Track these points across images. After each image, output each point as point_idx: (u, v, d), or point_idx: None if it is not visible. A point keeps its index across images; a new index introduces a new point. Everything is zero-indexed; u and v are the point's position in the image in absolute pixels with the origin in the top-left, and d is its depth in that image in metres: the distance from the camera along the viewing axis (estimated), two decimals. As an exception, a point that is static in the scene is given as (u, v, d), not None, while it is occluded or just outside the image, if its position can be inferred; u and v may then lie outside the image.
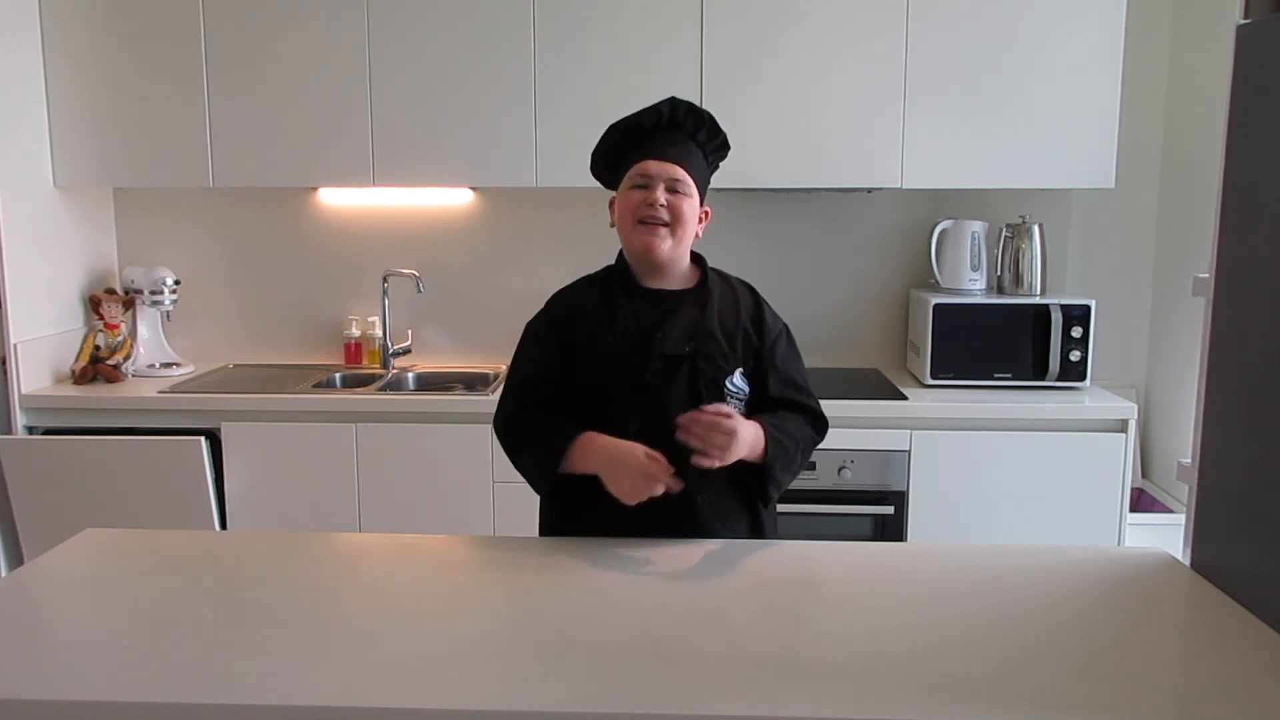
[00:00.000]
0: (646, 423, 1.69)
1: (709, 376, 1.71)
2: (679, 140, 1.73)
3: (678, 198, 1.70)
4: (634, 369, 1.71)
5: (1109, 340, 3.33)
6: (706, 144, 1.76)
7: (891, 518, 2.83)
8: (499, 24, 2.98)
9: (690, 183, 1.71)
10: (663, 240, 1.70)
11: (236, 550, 1.66)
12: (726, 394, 1.73)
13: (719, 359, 1.72)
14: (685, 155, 1.72)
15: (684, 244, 1.73)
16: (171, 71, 3.06)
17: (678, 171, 1.70)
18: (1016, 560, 1.60)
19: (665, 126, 1.73)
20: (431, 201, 3.39)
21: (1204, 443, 1.56)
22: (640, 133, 1.74)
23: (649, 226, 1.69)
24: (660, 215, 1.68)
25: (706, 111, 1.75)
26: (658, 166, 1.70)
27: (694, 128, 1.74)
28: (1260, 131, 1.43)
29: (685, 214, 1.70)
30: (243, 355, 3.50)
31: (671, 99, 1.74)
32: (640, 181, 1.70)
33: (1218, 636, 1.33)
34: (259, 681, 1.18)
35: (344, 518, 2.93)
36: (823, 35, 2.94)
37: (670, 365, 1.71)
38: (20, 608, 1.42)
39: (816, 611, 1.39)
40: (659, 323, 1.73)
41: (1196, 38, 3.13)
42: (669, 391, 1.70)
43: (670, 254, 1.72)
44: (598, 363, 1.73)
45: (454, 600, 1.44)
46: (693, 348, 1.71)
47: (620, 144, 1.76)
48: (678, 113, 1.73)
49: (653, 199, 1.68)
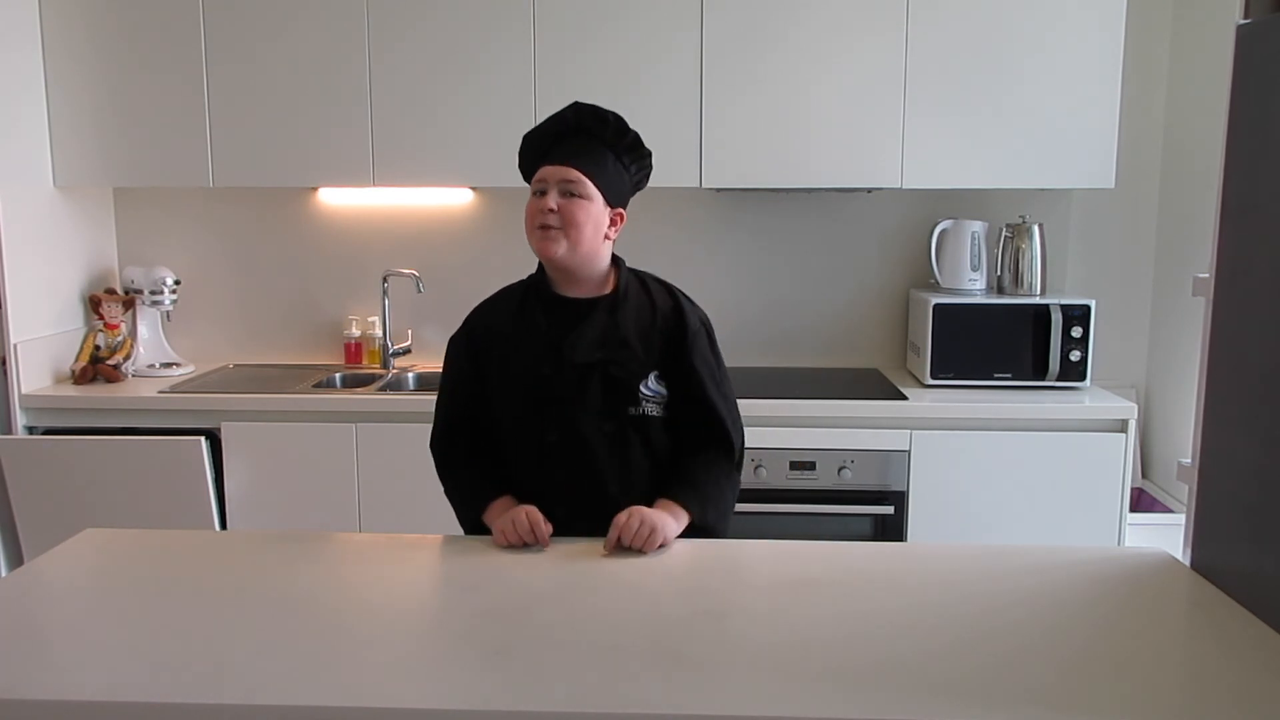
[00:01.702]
0: (563, 433, 1.73)
1: (621, 383, 1.73)
2: (583, 143, 1.74)
3: (570, 201, 1.70)
4: (545, 380, 1.73)
5: (1109, 340, 3.33)
6: (616, 144, 1.76)
7: (891, 518, 2.83)
8: (499, 24, 2.98)
9: (586, 184, 1.71)
10: (556, 244, 1.70)
11: (236, 550, 1.66)
12: (641, 398, 1.74)
13: (631, 365, 1.73)
14: (586, 159, 1.72)
15: (581, 247, 1.72)
16: (171, 71, 3.06)
17: (570, 174, 1.71)
18: (1016, 560, 1.60)
19: (571, 131, 1.75)
20: (431, 201, 3.39)
21: (1204, 443, 1.56)
22: (544, 139, 1.76)
23: (543, 230, 1.71)
24: (548, 220, 1.70)
25: (611, 112, 1.76)
26: (550, 170, 1.72)
27: (599, 130, 1.74)
28: (1260, 131, 1.43)
29: (577, 217, 1.70)
30: (243, 355, 3.50)
31: (575, 103, 1.76)
32: (538, 187, 1.73)
33: (1218, 636, 1.33)
34: (259, 681, 1.18)
35: (344, 518, 2.93)
36: (822, 35, 2.94)
37: (582, 374, 1.72)
38: (20, 608, 1.42)
39: (816, 611, 1.39)
40: (567, 332, 1.74)
41: (1196, 38, 3.13)
42: (584, 400, 1.72)
43: (567, 257, 1.72)
44: (511, 376, 1.76)
45: (453, 600, 1.44)
46: (604, 355, 1.72)
47: (529, 150, 1.79)
48: (581, 116, 1.75)
49: (544, 204, 1.70)
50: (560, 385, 1.72)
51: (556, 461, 1.74)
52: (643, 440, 1.75)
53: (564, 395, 1.72)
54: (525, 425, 1.75)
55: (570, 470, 1.74)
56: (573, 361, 1.72)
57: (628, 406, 1.73)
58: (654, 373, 1.75)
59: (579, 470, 1.73)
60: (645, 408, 1.74)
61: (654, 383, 1.75)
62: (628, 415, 1.74)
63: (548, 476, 1.74)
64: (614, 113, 1.75)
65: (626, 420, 1.74)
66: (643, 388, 1.74)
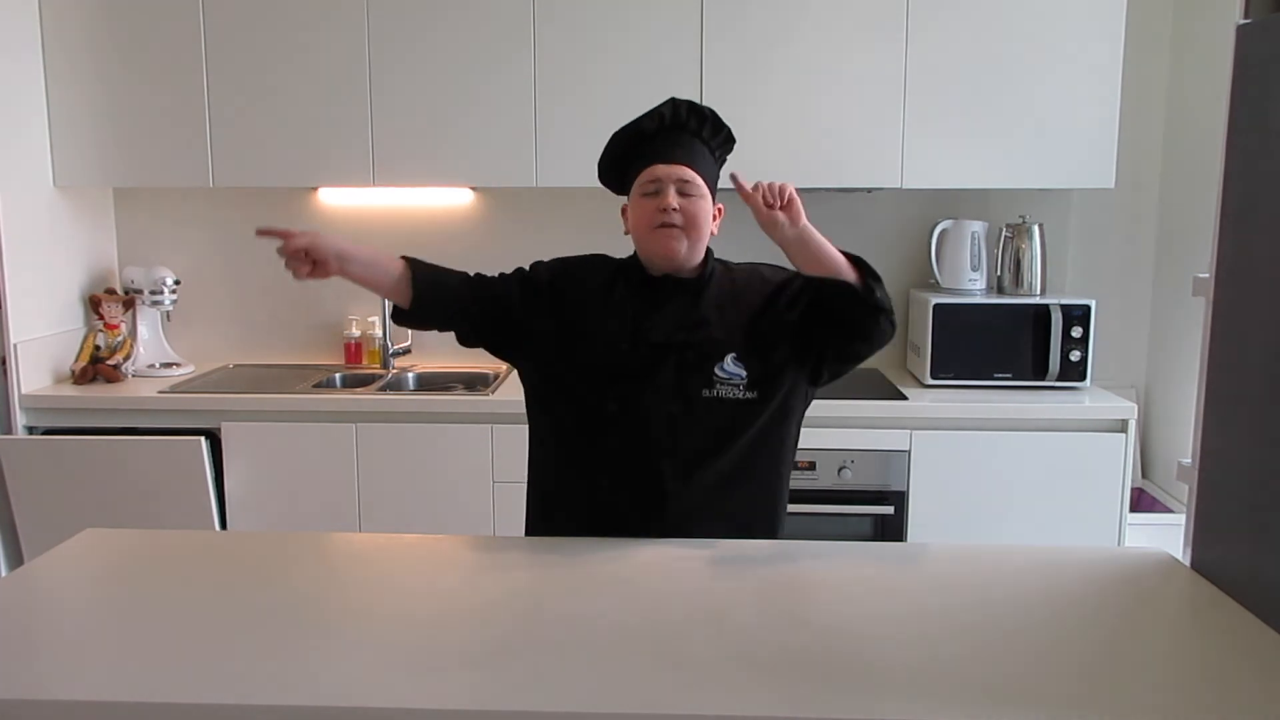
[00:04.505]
0: (623, 405, 1.70)
1: (695, 364, 1.71)
2: (684, 141, 1.72)
3: (689, 200, 1.69)
4: (621, 356, 1.71)
5: (1109, 340, 3.33)
6: (711, 140, 1.75)
7: (891, 518, 2.83)
8: (499, 23, 2.98)
9: (699, 183, 1.70)
10: (679, 243, 1.69)
11: (236, 550, 1.66)
12: (716, 380, 1.71)
13: (706, 345, 1.71)
14: (692, 155, 1.71)
15: (700, 244, 1.72)
16: (171, 71, 3.06)
17: (686, 173, 1.69)
18: (1016, 560, 1.60)
19: (668, 128, 1.72)
20: (431, 201, 3.39)
21: (1204, 443, 1.56)
22: (643, 138, 1.73)
23: (665, 230, 1.68)
24: (674, 219, 1.67)
25: (708, 108, 1.74)
26: (665, 170, 1.69)
27: (697, 126, 1.73)
28: (1260, 131, 1.43)
29: (698, 216, 1.69)
30: (243, 355, 3.50)
31: (672, 100, 1.73)
32: (650, 188, 1.70)
33: (1218, 636, 1.33)
34: (259, 681, 1.18)
35: (344, 518, 2.93)
36: (823, 35, 2.94)
37: (657, 354, 1.71)
38: (20, 608, 1.42)
39: (816, 611, 1.39)
40: (649, 312, 1.73)
41: (1196, 38, 3.13)
42: (653, 379, 1.70)
43: (688, 256, 1.71)
44: (586, 342, 1.74)
45: (454, 600, 1.44)
46: (681, 338, 1.71)
47: (625, 151, 1.75)
48: (679, 113, 1.72)
49: (665, 203, 1.67)
50: (634, 362, 1.71)
51: (611, 432, 1.72)
52: (712, 425, 1.71)
53: (635, 372, 1.70)
54: (589, 392, 1.72)
55: (623, 442, 1.71)
56: (649, 341, 1.71)
57: (701, 389, 1.70)
58: (732, 354, 1.71)
59: (632, 444, 1.71)
60: (720, 390, 1.70)
61: (731, 364, 1.71)
62: (700, 397, 1.70)
63: (600, 445, 1.73)
64: (710, 108, 1.74)
65: (698, 402, 1.70)
66: (718, 369, 1.71)
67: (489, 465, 2.89)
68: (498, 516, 2.90)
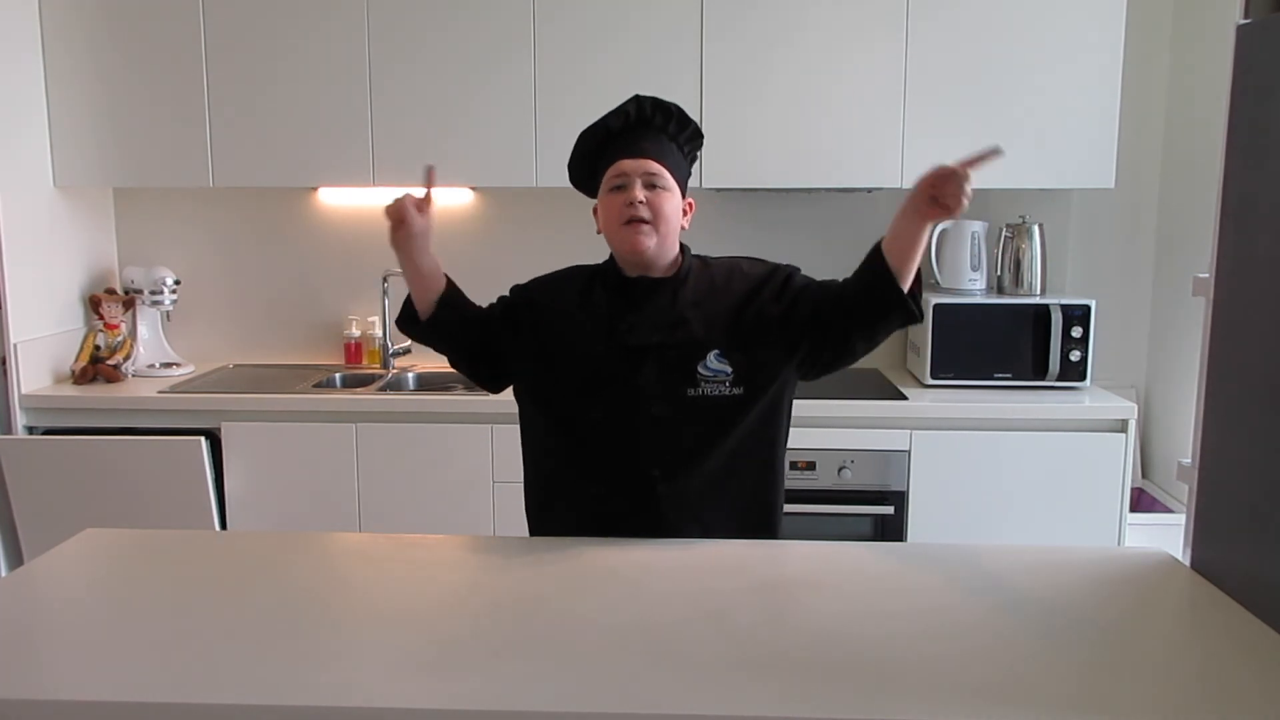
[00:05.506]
0: (608, 411, 1.71)
1: (677, 364, 1.70)
2: (650, 136, 1.73)
3: (656, 193, 1.69)
4: (599, 360, 1.72)
5: (1109, 340, 3.33)
6: (679, 136, 1.75)
7: (891, 518, 2.83)
8: (499, 24, 2.98)
9: (667, 176, 1.70)
10: (647, 238, 1.69)
11: (236, 550, 1.66)
12: (700, 379, 1.70)
13: (687, 345, 1.71)
14: (658, 150, 1.72)
15: (669, 239, 1.72)
16: (171, 72, 3.06)
17: (652, 166, 1.70)
18: (1016, 560, 1.59)
19: (634, 125, 1.73)
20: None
21: (1204, 443, 1.56)
22: (610, 135, 1.74)
23: (633, 225, 1.68)
24: (641, 213, 1.67)
25: (673, 104, 1.75)
26: (631, 164, 1.70)
27: (663, 122, 1.74)
28: (1260, 131, 1.43)
29: (666, 210, 1.69)
30: (243, 355, 3.50)
31: (636, 97, 1.74)
32: (617, 182, 1.70)
33: (1218, 636, 1.33)
34: (259, 681, 1.18)
35: (344, 518, 2.93)
36: (823, 36, 2.94)
37: (637, 356, 1.70)
38: (20, 608, 1.42)
39: (816, 611, 1.39)
40: (626, 314, 1.73)
41: (1196, 38, 3.13)
42: (636, 382, 1.70)
43: (657, 250, 1.71)
44: (566, 354, 1.74)
45: (453, 600, 1.44)
46: (659, 338, 1.71)
47: (592, 149, 1.76)
48: (644, 109, 1.73)
49: (631, 197, 1.68)
50: (613, 366, 1.70)
51: (598, 439, 1.72)
52: (701, 424, 1.70)
53: (616, 376, 1.70)
54: (572, 402, 1.73)
55: (610, 449, 1.71)
56: (627, 344, 1.70)
57: (685, 388, 1.69)
58: (715, 351, 1.70)
59: (621, 449, 1.71)
60: (705, 388, 1.69)
61: (715, 361, 1.70)
62: (685, 397, 1.69)
63: (587, 454, 1.73)
64: (675, 104, 1.75)
65: (684, 402, 1.69)
66: (701, 368, 1.70)
67: (489, 465, 2.89)
68: (498, 516, 2.90)
